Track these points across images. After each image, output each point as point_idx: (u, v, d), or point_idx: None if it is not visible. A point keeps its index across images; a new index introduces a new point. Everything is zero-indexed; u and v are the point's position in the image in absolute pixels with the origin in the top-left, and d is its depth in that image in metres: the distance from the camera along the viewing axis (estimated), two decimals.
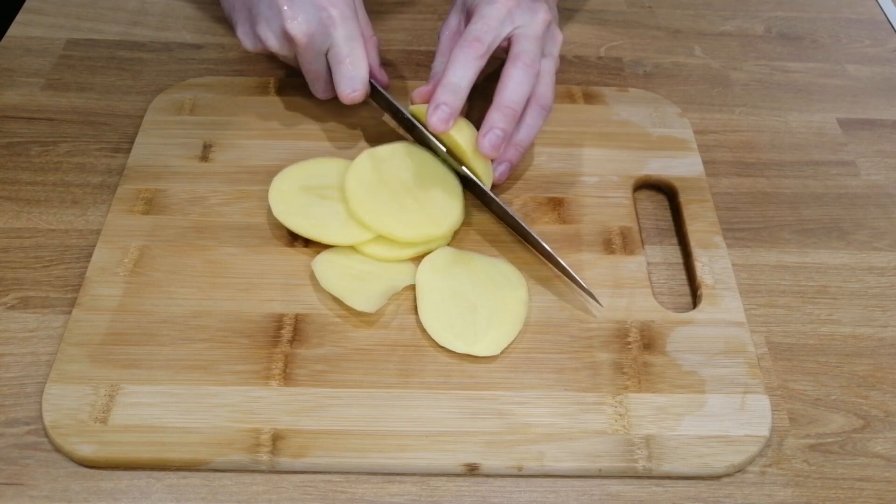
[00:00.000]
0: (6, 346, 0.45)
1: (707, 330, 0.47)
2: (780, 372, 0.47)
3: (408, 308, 0.47)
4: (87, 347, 0.45)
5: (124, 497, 0.40)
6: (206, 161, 0.55)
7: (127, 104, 0.59)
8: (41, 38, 0.64)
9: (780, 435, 0.44)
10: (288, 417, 0.42)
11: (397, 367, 0.45)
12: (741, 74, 0.65)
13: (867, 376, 0.47)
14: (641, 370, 0.45)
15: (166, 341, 0.45)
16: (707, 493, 0.42)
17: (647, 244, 0.52)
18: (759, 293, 0.50)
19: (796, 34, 0.70)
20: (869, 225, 0.54)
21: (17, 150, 0.56)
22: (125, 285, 0.47)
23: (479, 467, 0.41)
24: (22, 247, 0.50)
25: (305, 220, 0.49)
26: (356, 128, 0.58)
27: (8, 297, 0.48)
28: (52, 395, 0.43)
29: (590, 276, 0.49)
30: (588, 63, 0.65)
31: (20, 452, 0.42)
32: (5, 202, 0.52)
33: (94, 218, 0.52)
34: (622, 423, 0.43)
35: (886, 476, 0.43)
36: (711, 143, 0.59)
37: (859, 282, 0.51)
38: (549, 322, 0.47)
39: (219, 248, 0.50)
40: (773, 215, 0.55)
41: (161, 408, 0.42)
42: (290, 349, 0.45)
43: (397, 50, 0.65)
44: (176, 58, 0.63)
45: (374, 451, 0.41)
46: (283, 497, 0.41)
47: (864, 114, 0.62)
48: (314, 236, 0.49)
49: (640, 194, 0.56)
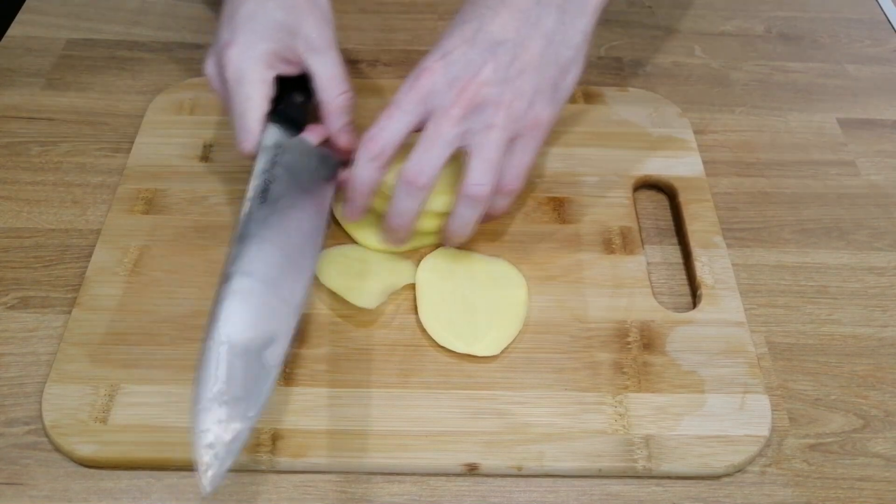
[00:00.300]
0: (6, 346, 0.45)
1: (707, 330, 0.47)
2: (780, 372, 0.47)
3: (408, 308, 0.47)
4: (86, 347, 0.45)
5: (124, 497, 0.41)
6: (206, 161, 0.55)
7: (127, 104, 0.59)
8: (41, 38, 0.64)
9: (780, 435, 0.44)
10: (288, 417, 0.42)
11: (397, 367, 0.45)
12: (741, 74, 0.65)
13: (867, 376, 0.47)
14: (641, 370, 0.45)
15: (166, 341, 0.45)
16: (707, 492, 0.42)
17: (647, 244, 0.52)
18: (759, 293, 0.50)
19: (796, 34, 0.70)
20: (869, 225, 0.54)
21: (17, 150, 0.56)
22: (125, 285, 0.47)
23: (479, 467, 0.41)
24: (22, 247, 0.50)
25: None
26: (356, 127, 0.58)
27: (8, 297, 0.48)
28: (51, 395, 0.43)
29: (590, 275, 0.49)
30: (588, 63, 0.65)
31: (20, 452, 0.42)
32: (5, 202, 0.53)
33: (94, 218, 0.52)
34: (622, 423, 0.43)
35: (886, 476, 0.43)
36: (711, 143, 0.59)
37: (859, 282, 0.51)
38: (549, 322, 0.47)
39: (219, 248, 0.50)
40: (773, 215, 0.55)
41: (161, 408, 0.42)
42: (289, 349, 0.45)
43: (397, 50, 0.65)
44: (176, 58, 0.63)
45: (374, 451, 0.41)
46: (283, 497, 0.41)
47: (864, 114, 0.62)
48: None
49: (640, 194, 0.56)
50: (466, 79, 0.43)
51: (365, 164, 0.44)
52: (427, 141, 0.43)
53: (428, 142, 0.43)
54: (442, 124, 0.43)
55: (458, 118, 0.43)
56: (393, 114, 0.44)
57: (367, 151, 0.44)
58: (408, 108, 0.43)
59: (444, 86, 0.43)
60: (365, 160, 0.44)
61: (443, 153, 0.43)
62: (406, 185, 0.43)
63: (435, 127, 0.43)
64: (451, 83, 0.43)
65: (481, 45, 0.43)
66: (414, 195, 0.44)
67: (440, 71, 0.43)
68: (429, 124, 0.43)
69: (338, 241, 0.50)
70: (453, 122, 0.43)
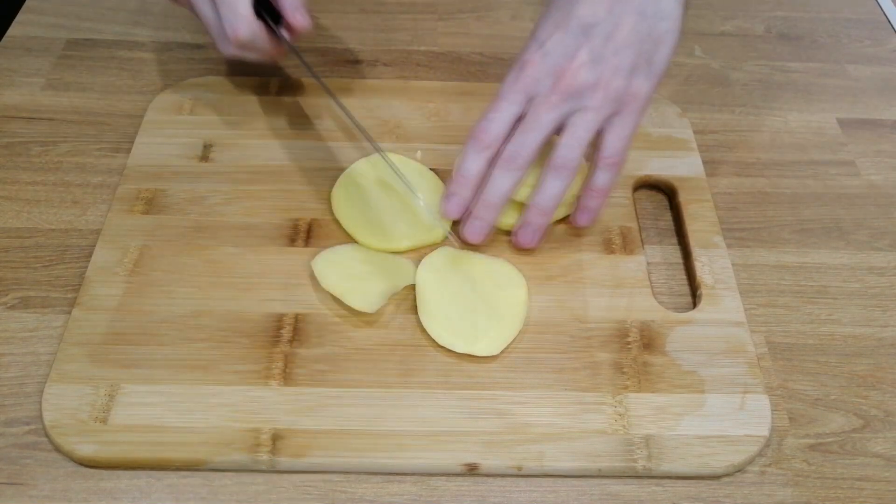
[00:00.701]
0: (6, 346, 0.45)
1: (707, 330, 0.47)
2: (780, 372, 0.47)
3: (408, 308, 0.47)
4: (87, 347, 0.45)
5: (124, 497, 0.41)
6: (206, 161, 0.55)
7: (127, 104, 0.59)
8: (41, 38, 0.64)
9: (780, 435, 0.44)
10: (288, 417, 0.42)
11: (397, 367, 0.45)
12: (741, 74, 0.65)
13: (867, 376, 0.47)
14: (641, 370, 0.45)
15: (166, 341, 0.45)
16: (707, 492, 0.42)
17: (647, 244, 0.52)
18: (759, 293, 0.50)
19: (796, 34, 0.70)
20: (869, 225, 0.54)
21: (17, 150, 0.56)
22: (125, 285, 0.47)
23: (479, 467, 0.41)
24: (22, 247, 0.50)
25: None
26: (357, 128, 0.58)
27: (8, 297, 0.48)
28: (51, 395, 0.43)
29: (590, 275, 0.49)
30: None
31: (20, 452, 0.42)
32: (5, 202, 0.53)
33: (94, 218, 0.52)
34: (622, 423, 0.43)
35: (886, 476, 0.43)
36: (711, 143, 0.59)
37: (859, 282, 0.51)
38: (549, 322, 0.47)
39: (219, 247, 0.50)
40: (773, 215, 0.55)
41: (161, 408, 0.42)
42: (290, 349, 0.45)
43: (397, 50, 0.65)
44: (176, 58, 0.63)
45: (374, 451, 0.41)
46: (283, 497, 0.41)
47: (864, 114, 0.62)
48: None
49: (640, 194, 0.56)
50: (563, 65, 0.46)
51: (474, 156, 0.47)
52: (526, 125, 0.46)
53: (527, 126, 0.46)
54: (541, 111, 0.46)
55: (555, 104, 0.46)
56: (500, 106, 0.47)
57: (477, 143, 0.47)
58: (513, 99, 0.46)
59: (544, 75, 0.46)
60: (475, 152, 0.47)
61: (540, 136, 0.46)
62: (504, 163, 0.47)
63: (534, 113, 0.46)
64: (550, 71, 0.46)
65: (574, 30, 0.46)
66: (511, 173, 0.47)
67: (539, 61, 0.46)
68: (529, 111, 0.46)
69: (338, 242, 0.50)
70: (551, 107, 0.46)
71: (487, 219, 0.48)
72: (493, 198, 0.47)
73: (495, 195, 0.47)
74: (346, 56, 0.64)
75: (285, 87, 0.60)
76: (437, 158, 0.55)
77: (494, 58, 0.65)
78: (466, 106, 0.59)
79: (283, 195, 0.53)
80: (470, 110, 0.59)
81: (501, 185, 0.47)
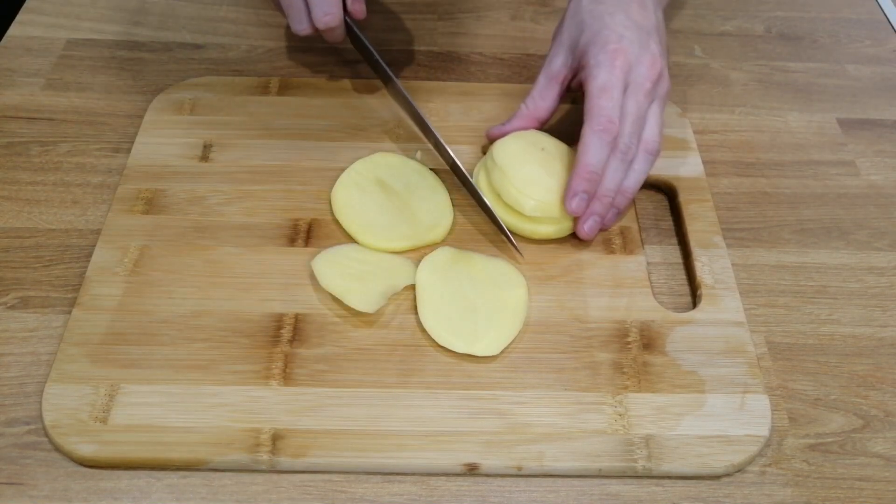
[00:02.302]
0: (6, 346, 0.45)
1: (707, 330, 0.47)
2: (780, 372, 0.47)
3: (408, 308, 0.47)
4: (86, 347, 0.45)
5: (124, 497, 0.41)
6: (206, 161, 0.55)
7: (127, 104, 0.59)
8: (41, 38, 0.64)
9: (780, 435, 0.44)
10: (288, 417, 0.42)
11: (397, 367, 0.45)
12: (741, 74, 0.65)
13: (867, 376, 0.47)
14: (641, 370, 0.45)
15: (166, 341, 0.45)
16: (707, 492, 0.42)
17: (647, 244, 0.52)
18: (759, 293, 0.50)
19: (796, 34, 0.70)
20: (869, 225, 0.54)
21: (17, 150, 0.56)
22: (125, 285, 0.47)
23: (479, 467, 0.41)
24: (22, 247, 0.50)
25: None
26: (357, 127, 0.58)
27: (8, 296, 0.48)
28: (52, 395, 0.43)
29: (590, 275, 0.49)
30: None
31: (20, 452, 0.42)
32: (5, 202, 0.53)
33: (94, 218, 0.52)
34: (622, 423, 0.43)
35: (886, 476, 0.43)
36: (711, 143, 0.59)
37: (859, 282, 0.51)
38: (549, 322, 0.47)
39: (219, 247, 0.50)
40: (773, 215, 0.55)
41: (161, 407, 0.42)
42: (289, 349, 0.45)
43: (397, 50, 0.65)
44: (176, 58, 0.63)
45: (374, 451, 0.41)
46: (283, 497, 0.41)
47: (864, 114, 0.62)
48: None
49: (640, 194, 0.55)
50: (648, 56, 0.50)
51: (602, 147, 0.48)
52: (634, 114, 0.49)
53: (637, 115, 0.49)
54: (640, 96, 0.49)
55: (649, 91, 0.50)
56: (613, 94, 0.49)
57: (605, 133, 0.48)
58: (619, 86, 0.49)
59: (635, 63, 0.50)
60: (604, 142, 0.48)
61: (643, 124, 0.50)
62: (622, 154, 0.49)
63: (636, 102, 0.49)
64: (639, 59, 0.50)
65: (636, 29, 0.51)
66: (625, 165, 0.49)
67: (627, 49, 0.50)
68: (629, 95, 0.49)
69: (338, 242, 0.50)
70: (646, 93, 0.50)
71: (602, 213, 0.49)
72: (609, 192, 0.49)
73: (612, 189, 0.49)
74: (347, 56, 0.64)
75: (285, 87, 0.60)
76: (437, 158, 0.55)
77: (494, 58, 0.65)
78: (466, 106, 0.59)
79: (283, 195, 0.53)
80: (470, 110, 0.59)
81: (615, 178, 0.49)
